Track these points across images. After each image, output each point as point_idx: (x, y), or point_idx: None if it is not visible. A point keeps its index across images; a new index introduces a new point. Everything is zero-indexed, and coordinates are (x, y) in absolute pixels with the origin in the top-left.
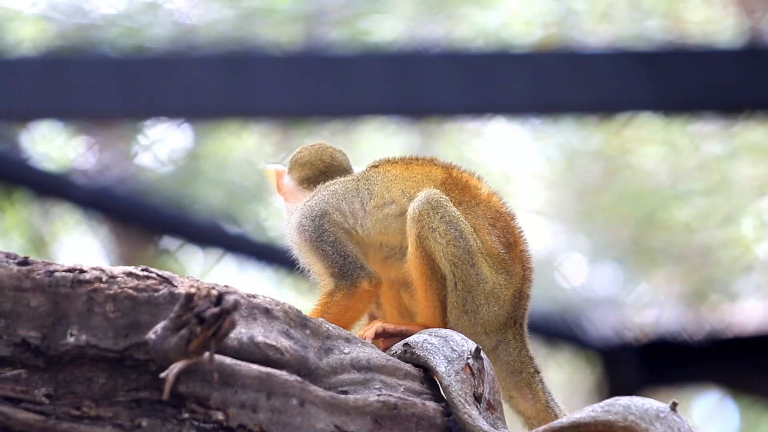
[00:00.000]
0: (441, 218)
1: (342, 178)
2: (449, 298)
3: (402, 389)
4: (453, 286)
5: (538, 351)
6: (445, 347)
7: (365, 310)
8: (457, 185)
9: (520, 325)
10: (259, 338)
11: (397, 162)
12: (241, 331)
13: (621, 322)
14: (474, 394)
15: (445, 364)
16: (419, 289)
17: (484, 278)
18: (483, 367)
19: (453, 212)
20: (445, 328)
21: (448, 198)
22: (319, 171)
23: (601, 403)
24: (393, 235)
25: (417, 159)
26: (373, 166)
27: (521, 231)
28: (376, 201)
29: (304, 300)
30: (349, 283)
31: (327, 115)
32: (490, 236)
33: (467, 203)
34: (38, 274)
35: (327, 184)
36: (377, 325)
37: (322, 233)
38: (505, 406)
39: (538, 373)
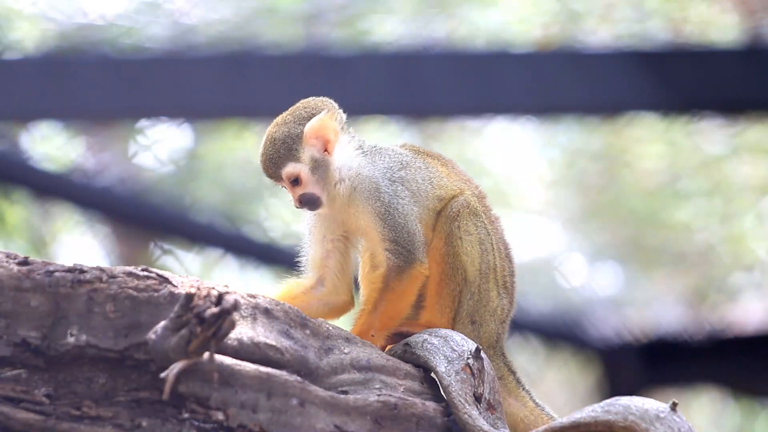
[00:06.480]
0: (476, 226)
1: (406, 151)
2: (465, 305)
3: (402, 389)
4: (471, 294)
5: (538, 351)
6: (445, 347)
7: (416, 292)
8: (483, 203)
9: (501, 345)
10: (259, 338)
11: (434, 157)
12: (241, 331)
13: (621, 322)
14: (474, 394)
15: (445, 364)
16: (434, 286)
17: (491, 296)
18: (483, 367)
19: (486, 224)
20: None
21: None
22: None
23: (601, 403)
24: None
25: (451, 163)
26: (419, 152)
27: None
28: (440, 192)
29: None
30: (404, 263)
31: None
32: (503, 261)
33: (492, 224)
34: (38, 274)
35: (395, 151)
36: None
37: (398, 202)
38: None
39: (520, 382)
